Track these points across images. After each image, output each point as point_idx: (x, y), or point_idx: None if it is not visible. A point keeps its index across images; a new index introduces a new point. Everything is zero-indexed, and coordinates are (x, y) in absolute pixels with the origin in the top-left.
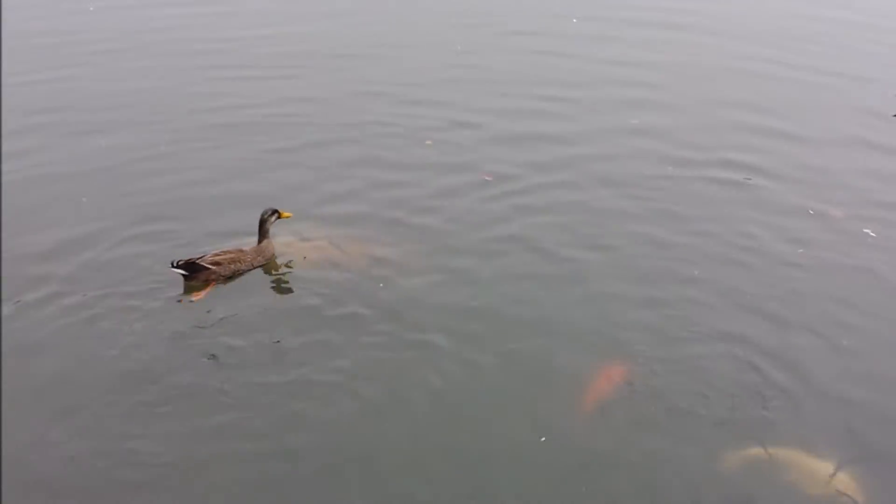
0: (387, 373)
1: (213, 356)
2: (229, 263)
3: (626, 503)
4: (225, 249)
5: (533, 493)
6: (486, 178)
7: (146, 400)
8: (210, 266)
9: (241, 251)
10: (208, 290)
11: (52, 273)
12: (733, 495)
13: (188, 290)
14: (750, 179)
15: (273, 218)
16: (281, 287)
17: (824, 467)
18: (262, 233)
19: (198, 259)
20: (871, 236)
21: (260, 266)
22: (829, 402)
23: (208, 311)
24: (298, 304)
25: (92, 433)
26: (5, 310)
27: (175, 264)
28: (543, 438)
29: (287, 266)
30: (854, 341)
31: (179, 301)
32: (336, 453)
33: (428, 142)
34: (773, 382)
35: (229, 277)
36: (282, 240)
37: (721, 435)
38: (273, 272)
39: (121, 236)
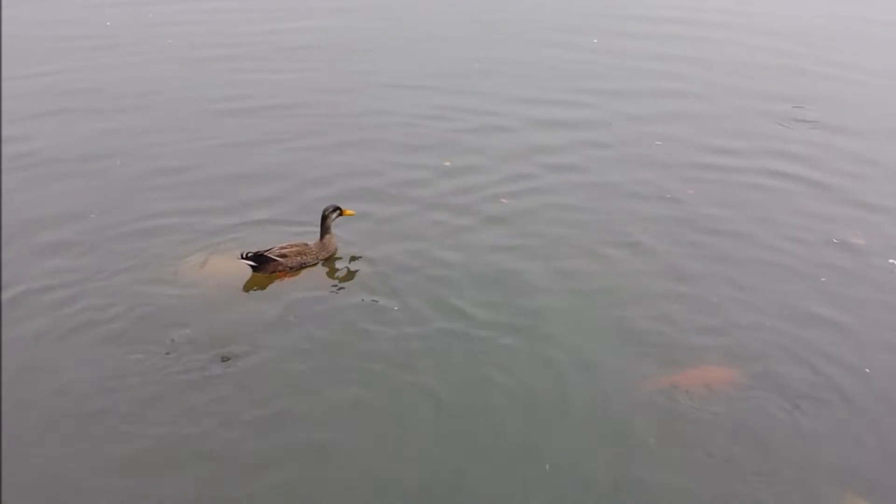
0: (457, 376)
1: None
2: (295, 256)
3: None
4: (291, 243)
5: None
6: (503, 201)
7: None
8: (277, 258)
9: (307, 245)
10: (277, 281)
11: (61, 263)
12: None
13: (255, 281)
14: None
15: (334, 215)
16: (342, 284)
17: None
18: (324, 228)
19: (265, 252)
20: None
21: (324, 260)
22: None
23: (260, 307)
24: (356, 302)
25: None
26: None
27: (244, 256)
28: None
29: (348, 262)
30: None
31: (246, 292)
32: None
33: (447, 162)
34: (802, 413)
35: (295, 269)
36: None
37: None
38: (334, 268)
39: (136, 222)
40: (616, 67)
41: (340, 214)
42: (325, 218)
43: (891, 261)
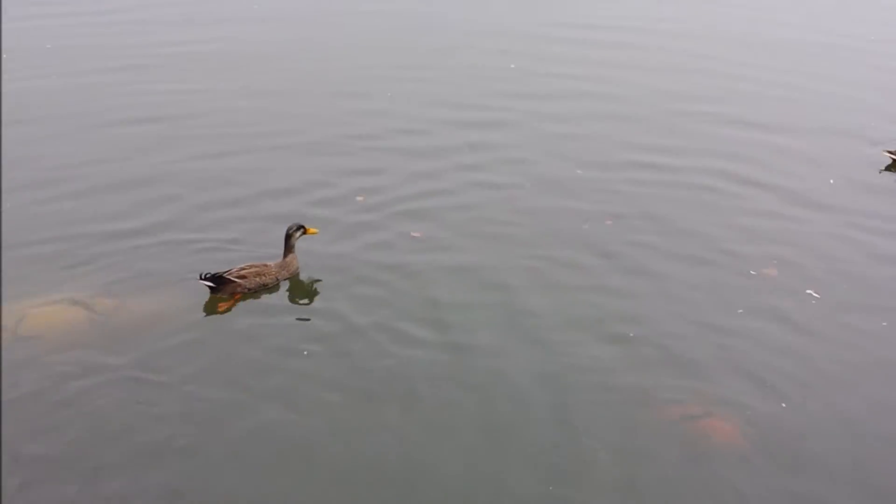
0: (419, 401)
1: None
2: (254, 277)
3: None
4: (250, 263)
5: None
6: (415, 235)
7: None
8: (236, 280)
9: (266, 265)
10: (233, 302)
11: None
12: None
13: (213, 302)
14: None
15: (298, 233)
16: (302, 303)
17: None
18: (288, 247)
19: (224, 273)
20: (815, 297)
21: (285, 280)
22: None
23: (226, 325)
24: (319, 322)
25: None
26: None
27: (203, 277)
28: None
29: (310, 282)
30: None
31: (205, 314)
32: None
33: (359, 197)
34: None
35: (254, 290)
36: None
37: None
38: (296, 287)
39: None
40: (538, 79)
41: (304, 233)
42: (288, 237)
43: (808, 291)
